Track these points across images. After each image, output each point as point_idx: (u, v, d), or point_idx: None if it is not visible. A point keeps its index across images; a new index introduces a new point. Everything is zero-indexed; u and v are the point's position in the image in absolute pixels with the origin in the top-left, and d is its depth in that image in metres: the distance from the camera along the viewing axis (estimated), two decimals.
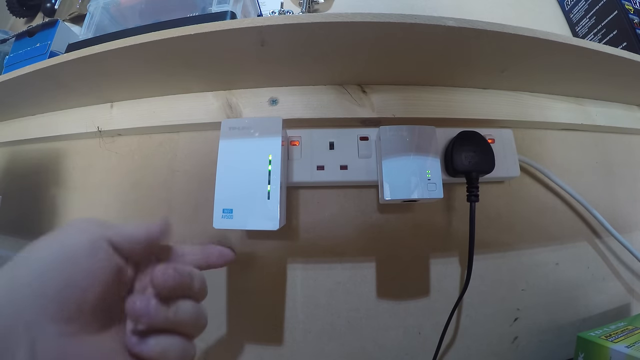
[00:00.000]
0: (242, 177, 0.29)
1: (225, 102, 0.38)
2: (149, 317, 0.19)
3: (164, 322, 0.20)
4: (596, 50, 0.31)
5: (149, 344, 0.19)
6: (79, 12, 0.55)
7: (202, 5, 0.36)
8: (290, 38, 0.29)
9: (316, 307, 0.37)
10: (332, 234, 0.38)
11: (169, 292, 0.20)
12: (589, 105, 0.42)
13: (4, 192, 0.45)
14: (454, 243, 0.38)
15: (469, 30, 0.27)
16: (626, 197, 0.43)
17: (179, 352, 0.21)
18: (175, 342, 0.21)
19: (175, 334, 0.21)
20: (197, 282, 0.22)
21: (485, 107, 0.38)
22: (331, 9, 0.52)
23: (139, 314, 0.19)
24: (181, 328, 0.21)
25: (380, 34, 0.28)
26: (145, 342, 0.19)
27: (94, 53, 0.31)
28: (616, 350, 0.29)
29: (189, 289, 0.22)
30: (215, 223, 0.28)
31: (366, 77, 0.37)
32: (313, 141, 0.37)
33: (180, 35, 0.28)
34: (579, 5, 0.52)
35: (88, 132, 0.42)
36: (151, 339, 0.20)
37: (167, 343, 0.20)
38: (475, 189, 0.33)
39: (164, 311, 0.20)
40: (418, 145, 0.32)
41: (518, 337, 0.38)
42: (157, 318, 0.19)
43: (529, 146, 0.41)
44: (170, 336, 0.21)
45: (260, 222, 0.28)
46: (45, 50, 0.43)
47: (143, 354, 0.19)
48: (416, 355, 0.37)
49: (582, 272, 0.40)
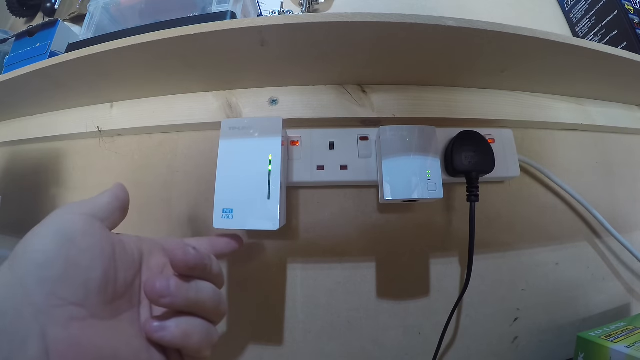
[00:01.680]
0: (242, 177, 0.29)
1: (225, 102, 0.38)
2: (171, 296, 0.18)
3: (185, 302, 0.19)
4: (596, 50, 0.31)
5: (169, 327, 0.18)
6: (79, 12, 0.55)
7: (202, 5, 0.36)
8: (290, 38, 0.29)
9: (316, 307, 0.37)
10: (332, 234, 0.38)
11: (189, 271, 0.20)
12: (589, 105, 0.42)
13: (4, 192, 0.45)
14: (454, 243, 0.38)
15: (469, 30, 0.27)
16: (626, 197, 0.43)
17: (203, 334, 0.20)
18: (197, 324, 0.20)
19: (196, 316, 0.20)
20: (215, 267, 0.22)
21: (485, 107, 0.38)
22: (331, 9, 0.52)
23: (160, 293, 0.18)
24: (203, 310, 0.20)
25: (380, 34, 0.28)
26: (165, 326, 0.18)
27: (94, 53, 0.31)
28: (616, 350, 0.29)
29: (209, 272, 0.21)
30: (215, 223, 0.28)
31: (366, 77, 0.37)
32: (313, 141, 0.37)
33: (180, 35, 0.28)
34: (579, 5, 0.52)
35: (88, 132, 0.41)
36: (171, 321, 0.19)
37: (190, 324, 0.19)
38: (475, 189, 0.33)
39: (185, 290, 0.19)
40: (418, 145, 0.32)
41: (518, 337, 0.38)
42: (178, 297, 0.18)
43: (529, 146, 0.41)
44: (192, 318, 0.20)
45: (260, 222, 0.28)
46: (45, 50, 0.43)
47: (165, 340, 0.18)
48: (416, 355, 0.37)
49: (582, 272, 0.40)
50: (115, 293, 0.19)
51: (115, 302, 0.19)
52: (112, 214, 0.21)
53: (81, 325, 0.16)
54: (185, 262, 0.19)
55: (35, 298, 0.15)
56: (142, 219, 0.39)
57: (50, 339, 0.15)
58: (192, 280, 0.20)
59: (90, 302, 0.17)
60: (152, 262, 0.22)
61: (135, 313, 0.20)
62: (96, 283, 0.17)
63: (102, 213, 0.20)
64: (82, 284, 0.17)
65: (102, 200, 0.21)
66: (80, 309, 0.16)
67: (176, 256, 0.19)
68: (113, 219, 0.21)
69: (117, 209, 0.21)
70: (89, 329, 0.16)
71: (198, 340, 0.20)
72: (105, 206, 0.21)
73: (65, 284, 0.16)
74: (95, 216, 0.20)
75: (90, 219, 0.19)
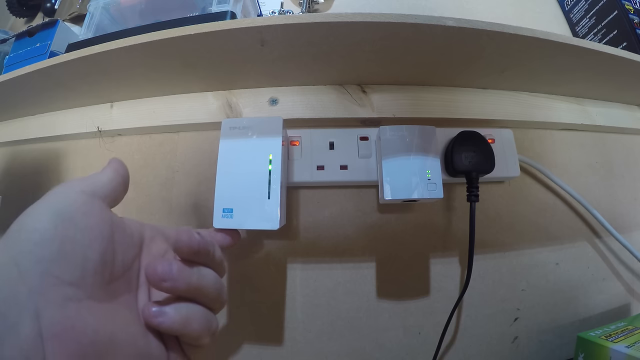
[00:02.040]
0: (243, 177, 0.29)
1: (225, 102, 0.38)
2: (173, 280, 0.18)
3: (186, 287, 0.19)
4: (596, 50, 0.31)
5: (168, 313, 0.18)
6: (79, 12, 0.55)
7: (202, 5, 0.36)
8: (290, 38, 0.29)
9: (316, 307, 0.37)
10: (332, 234, 0.38)
11: (193, 255, 0.19)
12: (589, 105, 0.42)
13: (4, 192, 0.45)
14: (454, 243, 0.38)
15: (469, 30, 0.27)
16: (626, 197, 0.43)
17: (203, 321, 0.20)
18: (198, 310, 0.20)
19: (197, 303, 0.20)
20: (218, 254, 0.21)
21: (485, 107, 0.38)
22: (331, 9, 0.52)
23: (161, 277, 0.18)
24: (204, 297, 0.20)
25: (380, 34, 0.28)
26: (164, 311, 0.18)
27: (94, 53, 0.31)
28: (616, 350, 0.29)
29: (212, 258, 0.21)
30: (216, 223, 0.28)
31: (366, 77, 0.37)
32: (313, 141, 0.37)
33: (180, 35, 0.28)
34: (579, 5, 0.52)
35: (88, 132, 0.42)
36: (171, 307, 0.18)
37: (190, 310, 0.19)
38: (475, 189, 0.33)
39: (188, 275, 0.19)
40: (418, 145, 0.32)
41: (518, 337, 0.38)
42: (180, 281, 0.18)
43: (529, 146, 0.41)
44: (192, 304, 0.19)
45: (260, 222, 0.28)
46: (45, 50, 0.43)
47: (164, 325, 0.18)
48: (416, 355, 0.37)
49: (582, 272, 0.40)
50: (113, 275, 0.18)
51: (113, 284, 0.18)
52: (113, 191, 0.20)
53: (77, 307, 0.15)
54: (190, 245, 0.19)
55: (29, 277, 0.15)
56: (142, 219, 0.38)
57: (45, 320, 0.14)
58: (194, 265, 0.20)
59: (87, 283, 0.16)
60: (153, 247, 0.22)
61: (133, 297, 0.19)
62: (93, 263, 0.17)
63: (102, 191, 0.19)
64: (79, 263, 0.16)
65: (103, 178, 0.20)
66: (76, 290, 0.16)
67: (181, 239, 0.19)
68: (114, 196, 0.20)
69: (119, 184, 0.21)
70: (85, 310, 0.16)
71: (198, 327, 0.19)
72: (106, 184, 0.20)
73: (61, 264, 0.15)
74: (95, 194, 0.19)
75: (89, 197, 0.18)
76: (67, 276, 0.15)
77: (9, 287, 0.14)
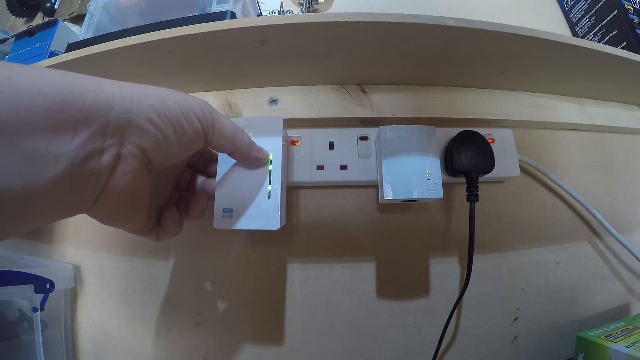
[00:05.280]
0: (243, 177, 0.29)
1: (225, 102, 0.38)
2: None
3: None
4: (596, 50, 0.31)
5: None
6: (79, 12, 0.55)
7: (202, 5, 0.36)
8: (290, 38, 0.29)
9: (316, 307, 0.37)
10: (332, 234, 0.38)
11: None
12: (589, 105, 0.42)
13: None
14: (454, 243, 0.38)
15: (469, 30, 0.27)
16: (626, 197, 0.43)
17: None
18: None
19: None
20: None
21: (486, 107, 0.38)
22: (331, 9, 0.53)
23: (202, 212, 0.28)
24: None
25: (380, 34, 0.28)
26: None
27: (94, 53, 0.31)
28: (616, 350, 0.29)
29: None
30: (216, 223, 0.28)
31: (366, 77, 0.37)
32: (313, 141, 0.37)
33: (180, 35, 0.28)
34: (579, 5, 0.52)
35: None
36: None
37: None
38: (475, 189, 0.33)
39: None
40: (418, 145, 0.32)
41: (518, 337, 0.38)
42: None
43: (529, 146, 0.41)
44: None
45: (260, 222, 0.28)
46: (45, 50, 0.44)
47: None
48: (416, 355, 0.37)
49: (582, 272, 0.40)
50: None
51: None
52: (236, 152, 0.26)
53: (143, 159, 0.20)
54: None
55: (135, 112, 0.19)
56: None
57: (123, 153, 0.18)
58: None
59: (157, 164, 0.21)
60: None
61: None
62: (172, 164, 0.22)
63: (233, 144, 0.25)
64: (164, 148, 0.20)
65: (245, 139, 0.26)
66: (147, 155, 0.20)
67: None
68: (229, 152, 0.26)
69: (243, 157, 0.27)
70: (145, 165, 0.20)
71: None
72: (244, 145, 0.26)
73: (157, 138, 0.20)
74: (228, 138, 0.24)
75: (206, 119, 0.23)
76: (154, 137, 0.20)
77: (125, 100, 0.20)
